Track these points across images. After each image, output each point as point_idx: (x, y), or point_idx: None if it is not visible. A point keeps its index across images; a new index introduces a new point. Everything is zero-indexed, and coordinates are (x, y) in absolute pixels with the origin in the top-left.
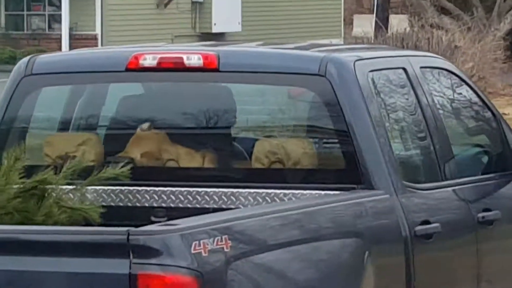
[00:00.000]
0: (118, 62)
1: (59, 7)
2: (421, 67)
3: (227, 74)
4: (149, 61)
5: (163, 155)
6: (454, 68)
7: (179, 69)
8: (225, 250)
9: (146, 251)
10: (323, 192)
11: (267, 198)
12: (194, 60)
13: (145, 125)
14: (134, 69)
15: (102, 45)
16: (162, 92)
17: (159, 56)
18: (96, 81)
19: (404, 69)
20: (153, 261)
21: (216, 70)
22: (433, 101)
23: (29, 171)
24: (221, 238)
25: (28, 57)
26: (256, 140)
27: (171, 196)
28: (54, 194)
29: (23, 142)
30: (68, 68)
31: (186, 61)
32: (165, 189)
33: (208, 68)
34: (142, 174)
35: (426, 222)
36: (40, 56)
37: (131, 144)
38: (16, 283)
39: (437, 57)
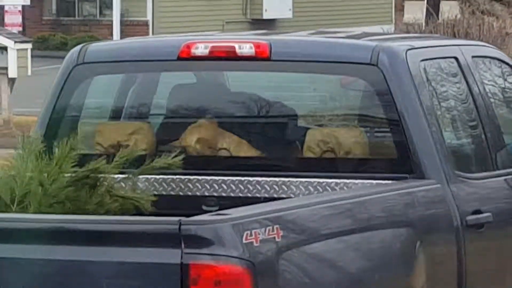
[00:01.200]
0: (170, 51)
1: None
2: (473, 56)
3: (279, 63)
4: (201, 50)
5: (215, 144)
6: (506, 57)
7: (231, 58)
8: (277, 240)
9: (197, 241)
10: (374, 182)
11: (318, 187)
12: (246, 49)
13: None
14: (186, 58)
15: (153, 31)
16: (213, 81)
17: (211, 45)
18: (147, 70)
19: (456, 58)
20: (204, 251)
21: (268, 59)
22: (484, 90)
23: (81, 160)
24: (273, 228)
25: (79, 45)
26: (308, 129)
27: (223, 185)
28: (106, 183)
29: (75, 131)
30: (119, 57)
31: (238, 50)
32: (217, 178)
33: (260, 57)
34: (194, 163)
35: (478, 211)
36: (92, 45)
37: (184, 133)
38: (68, 272)
39: (489, 46)
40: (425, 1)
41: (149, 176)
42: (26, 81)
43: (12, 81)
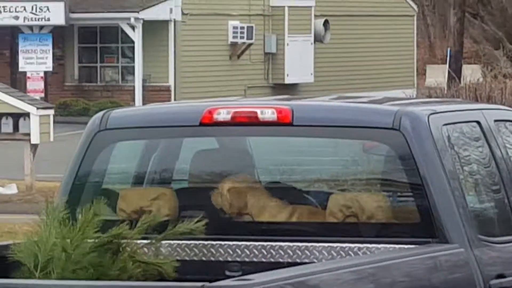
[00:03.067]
0: (192, 116)
1: (132, 59)
2: (495, 120)
3: (301, 128)
4: (223, 115)
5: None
6: None
7: (253, 123)
8: None
9: None
10: (397, 246)
11: (341, 252)
12: (268, 114)
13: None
14: (208, 124)
15: (175, 96)
16: (236, 146)
17: (233, 110)
18: (170, 136)
19: (478, 122)
20: None
21: (290, 124)
22: (507, 154)
23: (104, 225)
24: None
25: (102, 112)
26: (330, 193)
27: (245, 250)
28: (128, 249)
29: (98, 197)
30: (142, 123)
31: (260, 116)
32: (239, 243)
33: (282, 122)
34: (217, 228)
35: (501, 276)
36: (114, 111)
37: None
38: None
39: (511, 110)
40: (447, 65)
41: (172, 242)
42: (48, 147)
43: (34, 147)
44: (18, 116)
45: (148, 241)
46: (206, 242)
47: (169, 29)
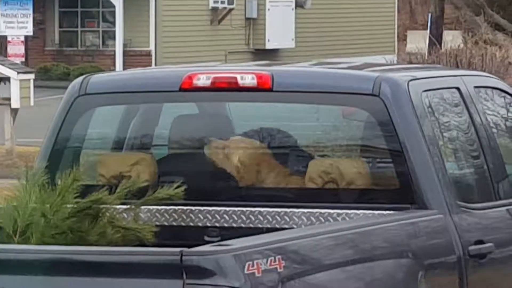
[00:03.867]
0: (172, 82)
1: (113, 24)
2: (475, 87)
3: (281, 94)
4: (203, 81)
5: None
6: (508, 87)
7: (233, 89)
8: (279, 270)
9: (199, 272)
10: (376, 212)
11: (320, 218)
12: (248, 80)
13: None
14: (188, 89)
15: (156, 61)
16: (216, 112)
17: (212, 76)
18: (150, 101)
19: (457, 88)
20: (206, 281)
21: (270, 90)
22: (486, 120)
23: (84, 191)
24: (275, 258)
25: (82, 77)
26: (310, 159)
27: (225, 215)
28: (108, 214)
29: (78, 162)
30: (121, 88)
31: (240, 81)
32: (219, 208)
33: (262, 88)
34: (196, 194)
35: (480, 242)
36: (94, 76)
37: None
38: None
39: (491, 77)
40: (428, 31)
41: (151, 207)
42: (28, 111)
43: (14, 111)
44: None
45: (128, 206)
46: (185, 208)
47: None
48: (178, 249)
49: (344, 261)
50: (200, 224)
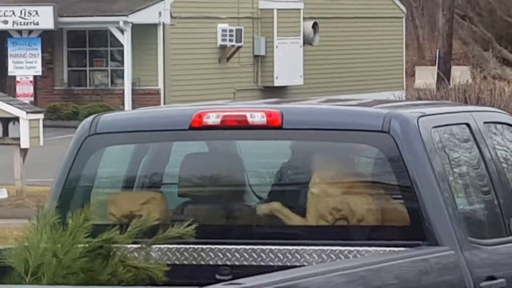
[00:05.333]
0: (182, 120)
1: (121, 63)
2: (485, 122)
3: (291, 131)
4: (212, 119)
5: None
6: None
7: (243, 127)
8: None
9: None
10: (387, 249)
11: (331, 255)
12: (258, 118)
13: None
14: (198, 128)
15: (164, 99)
16: (226, 150)
17: (222, 114)
18: (160, 140)
19: (467, 124)
20: None
21: (280, 127)
22: (496, 155)
23: (95, 230)
24: None
25: (91, 116)
26: (321, 197)
27: (236, 254)
28: (119, 253)
29: (89, 202)
30: (131, 127)
31: (249, 119)
32: (230, 247)
33: (272, 126)
34: (207, 232)
35: (491, 277)
36: (104, 115)
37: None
38: None
39: (500, 112)
40: (436, 66)
41: (163, 246)
42: (38, 151)
43: (24, 151)
44: (7, 121)
45: (139, 245)
46: (196, 246)
47: (158, 32)
48: None
49: None
50: (211, 263)
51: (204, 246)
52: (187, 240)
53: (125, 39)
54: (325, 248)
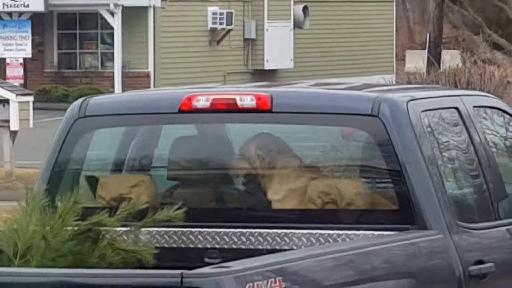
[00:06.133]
0: (171, 103)
1: (111, 45)
2: (474, 106)
3: (280, 115)
4: (202, 102)
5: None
6: (507, 106)
7: (232, 111)
8: None
9: None
10: (376, 233)
11: (320, 238)
12: (247, 101)
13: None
14: (187, 111)
15: (154, 82)
16: (215, 133)
17: (212, 97)
18: (149, 123)
19: (457, 108)
20: None
21: (269, 111)
22: (486, 140)
23: (84, 213)
24: (275, 280)
25: (81, 99)
26: (309, 180)
27: (224, 237)
28: (108, 236)
29: (78, 185)
30: (121, 110)
31: (239, 102)
32: (218, 230)
33: (261, 109)
34: (196, 216)
35: (480, 262)
36: (93, 98)
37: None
38: None
39: (490, 96)
40: (427, 51)
41: (152, 229)
42: (28, 133)
43: (14, 133)
44: None
45: (128, 228)
46: (185, 230)
47: (148, 15)
48: (178, 271)
49: (344, 282)
50: (200, 246)
51: (193, 230)
52: (176, 223)
53: (115, 22)
54: (314, 231)
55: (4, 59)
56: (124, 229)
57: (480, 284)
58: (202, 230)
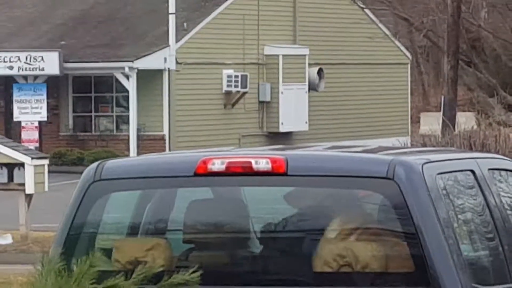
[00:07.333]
0: (187, 167)
1: (126, 108)
2: (489, 169)
3: (296, 178)
4: (217, 165)
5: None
6: None
7: (248, 174)
8: None
9: None
10: None
11: None
12: (263, 164)
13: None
14: (203, 174)
15: (169, 145)
16: (230, 196)
17: (227, 160)
18: (164, 186)
19: (472, 171)
20: None
21: (285, 174)
22: (501, 202)
23: (100, 276)
24: None
25: (96, 162)
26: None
27: None
28: None
29: (93, 247)
30: (136, 174)
31: (254, 166)
32: None
33: (277, 172)
34: (212, 279)
35: None
36: (108, 161)
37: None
38: None
39: (504, 159)
40: (441, 113)
41: None
42: (43, 197)
43: (29, 197)
44: (12, 166)
45: None
46: None
47: (163, 78)
48: None
49: None
50: None
51: None
52: (192, 286)
53: (131, 85)
54: None
55: (19, 122)
56: None
57: None
58: None
